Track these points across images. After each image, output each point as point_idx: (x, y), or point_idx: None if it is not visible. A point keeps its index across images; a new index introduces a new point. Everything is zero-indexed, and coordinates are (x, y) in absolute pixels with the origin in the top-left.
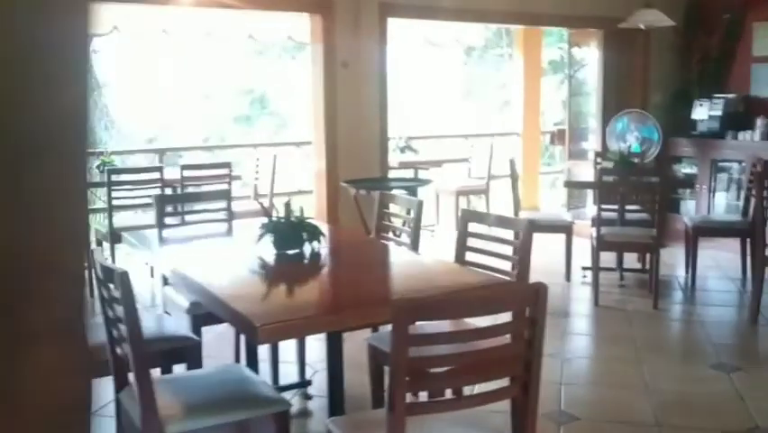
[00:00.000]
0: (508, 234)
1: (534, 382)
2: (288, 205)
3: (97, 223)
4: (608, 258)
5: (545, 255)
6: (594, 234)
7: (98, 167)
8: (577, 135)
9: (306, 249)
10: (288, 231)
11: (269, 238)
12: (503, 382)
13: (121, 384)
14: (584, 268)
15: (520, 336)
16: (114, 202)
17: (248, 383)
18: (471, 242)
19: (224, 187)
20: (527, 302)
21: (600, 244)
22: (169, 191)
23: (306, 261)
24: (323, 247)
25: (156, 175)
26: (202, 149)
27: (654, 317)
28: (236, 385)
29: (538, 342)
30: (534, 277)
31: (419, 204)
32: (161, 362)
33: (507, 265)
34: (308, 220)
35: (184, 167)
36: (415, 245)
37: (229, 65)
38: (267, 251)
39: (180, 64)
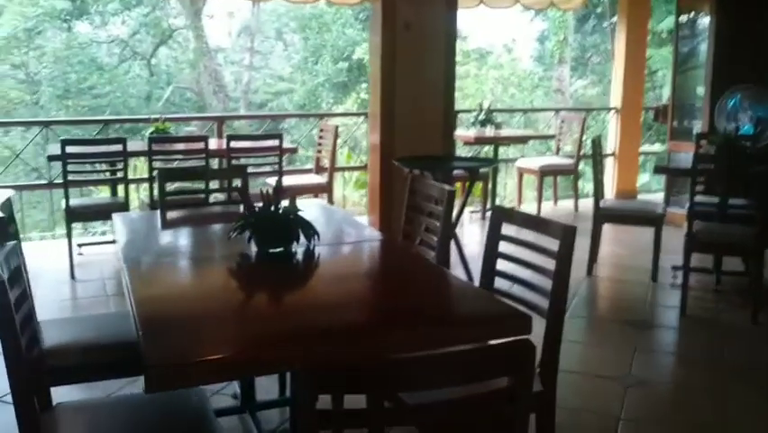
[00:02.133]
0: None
1: None
2: (275, 191)
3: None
4: (705, 256)
5: (633, 249)
6: (686, 231)
7: (151, 134)
8: (683, 113)
9: (296, 249)
10: (271, 226)
11: (248, 233)
12: None
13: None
14: (675, 268)
15: (496, 414)
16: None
17: (199, 417)
18: (505, 247)
19: (274, 159)
20: (505, 368)
21: (691, 244)
22: (217, 163)
23: (287, 266)
24: (318, 246)
25: (200, 145)
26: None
27: (752, 333)
28: (181, 419)
29: (521, 424)
30: (616, 275)
31: (449, 194)
32: (126, 371)
33: (545, 282)
34: (299, 213)
35: (230, 137)
36: (442, 248)
37: (329, 31)
38: (250, 248)
39: (278, 30)
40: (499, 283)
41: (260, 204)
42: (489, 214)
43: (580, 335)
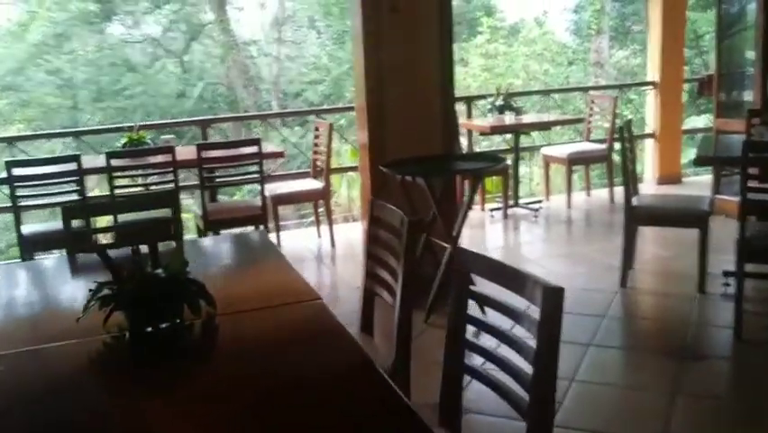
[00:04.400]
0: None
1: None
2: (150, 248)
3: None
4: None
5: (678, 248)
6: (737, 234)
7: (124, 146)
8: (732, 83)
9: (188, 322)
10: (141, 298)
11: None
12: None
13: None
14: (726, 274)
15: None
16: (117, 192)
17: None
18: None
19: (254, 168)
20: None
21: (743, 251)
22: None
23: (158, 358)
24: (220, 316)
25: (167, 157)
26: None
27: None
28: None
29: None
30: (655, 286)
31: (410, 225)
32: None
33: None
34: (188, 276)
35: (201, 146)
36: (404, 302)
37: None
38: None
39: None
40: (473, 359)
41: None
42: (512, 212)
43: (604, 373)
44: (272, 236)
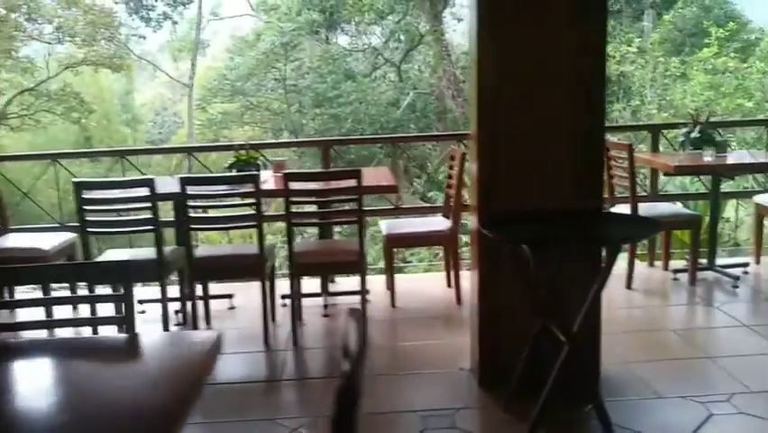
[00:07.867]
0: None
1: None
2: None
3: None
4: None
5: None
6: None
7: (230, 166)
8: None
9: None
10: None
11: None
12: None
13: None
14: None
15: None
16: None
17: None
18: None
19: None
20: None
21: None
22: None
23: None
24: None
25: (248, 187)
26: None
27: None
28: None
29: None
30: None
31: (338, 392)
32: None
33: None
34: None
35: (289, 176)
36: None
37: None
38: None
39: None
40: None
41: None
42: (703, 276)
43: None
44: (381, 280)
